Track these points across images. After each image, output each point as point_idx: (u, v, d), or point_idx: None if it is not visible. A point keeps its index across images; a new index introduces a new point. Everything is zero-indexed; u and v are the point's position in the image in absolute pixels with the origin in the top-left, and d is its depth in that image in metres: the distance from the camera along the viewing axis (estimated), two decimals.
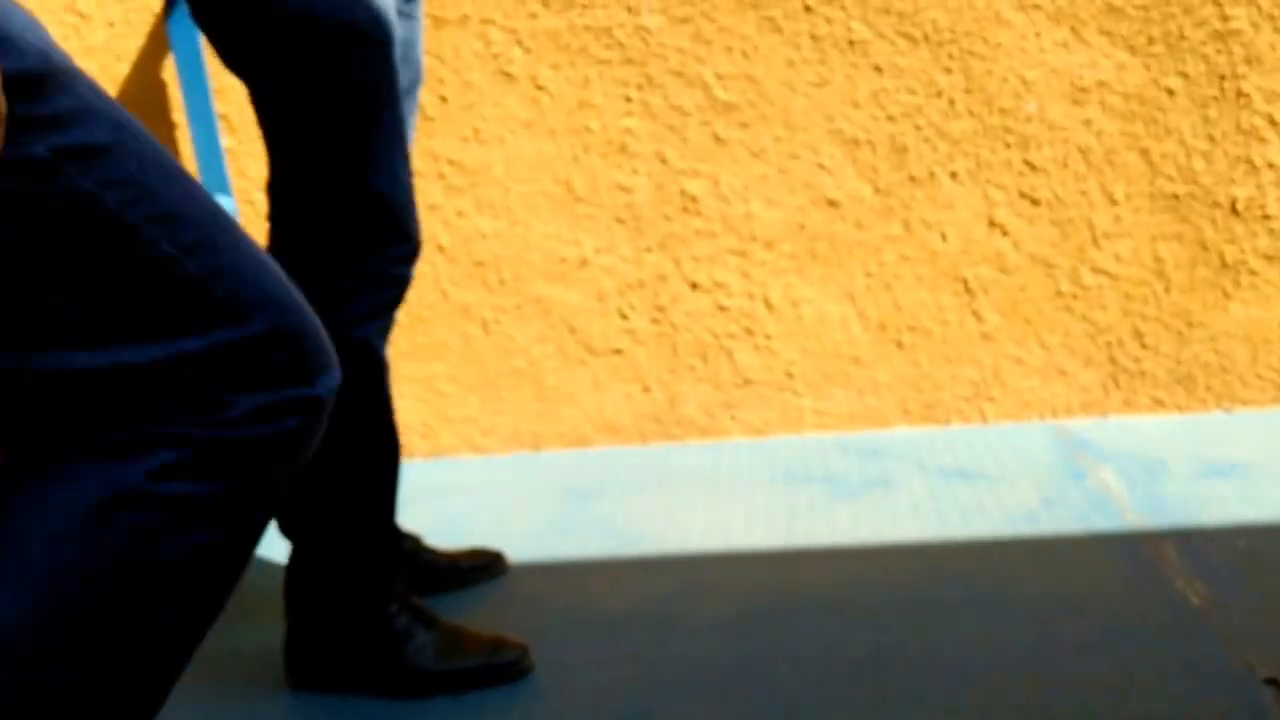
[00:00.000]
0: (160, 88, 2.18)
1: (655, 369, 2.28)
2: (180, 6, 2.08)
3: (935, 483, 2.00)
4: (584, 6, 2.17)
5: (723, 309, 2.25)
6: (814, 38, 2.18)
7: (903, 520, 1.86)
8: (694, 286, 2.25)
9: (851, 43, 2.18)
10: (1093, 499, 1.89)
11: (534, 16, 2.17)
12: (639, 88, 2.20)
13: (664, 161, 2.22)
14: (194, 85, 2.11)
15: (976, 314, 2.25)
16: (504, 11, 2.17)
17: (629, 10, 2.17)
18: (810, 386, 2.27)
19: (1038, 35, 2.17)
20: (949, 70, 2.18)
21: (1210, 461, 2.02)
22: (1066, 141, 2.20)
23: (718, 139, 2.21)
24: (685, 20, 2.17)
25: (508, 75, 2.19)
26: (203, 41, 2.12)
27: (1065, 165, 2.21)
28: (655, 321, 2.26)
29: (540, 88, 2.20)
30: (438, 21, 2.17)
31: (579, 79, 2.19)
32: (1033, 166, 2.21)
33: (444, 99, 2.20)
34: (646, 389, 2.29)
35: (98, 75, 2.18)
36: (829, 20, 2.17)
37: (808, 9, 2.17)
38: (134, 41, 2.16)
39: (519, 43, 2.18)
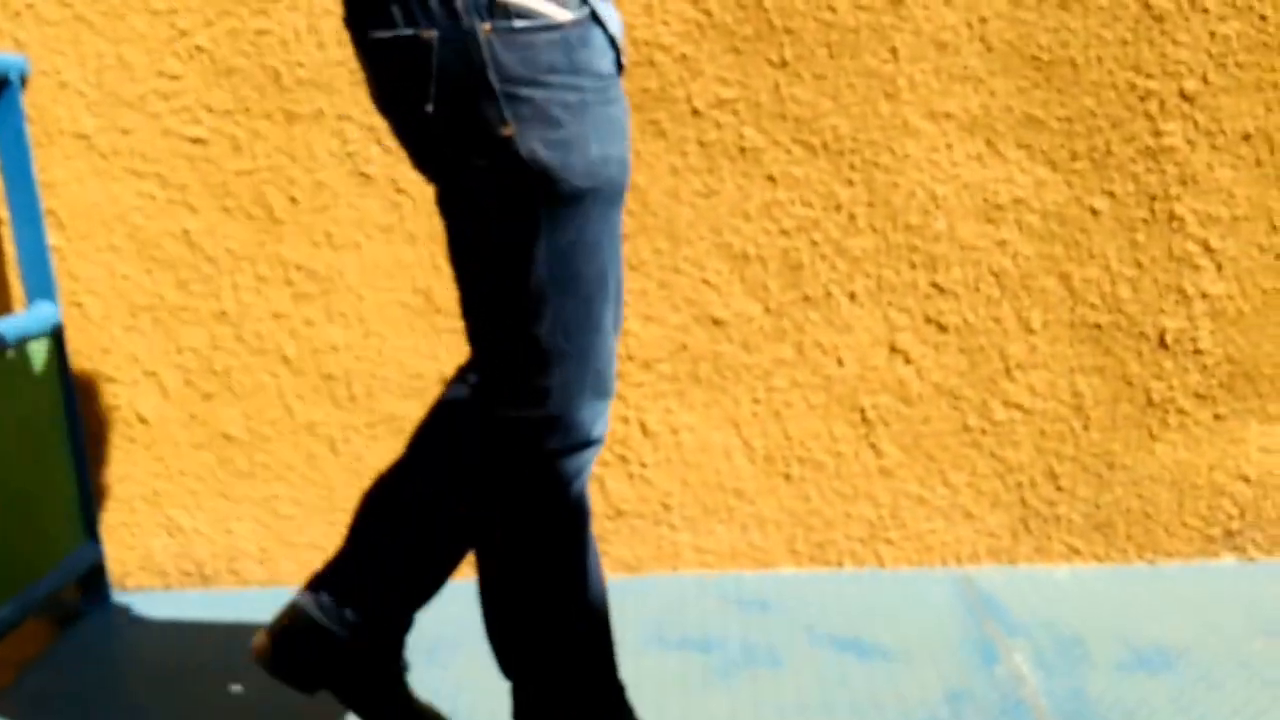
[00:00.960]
0: None
1: None
2: (8, 94, 1.90)
3: (825, 658, 1.78)
4: None
5: None
6: (702, 144, 1.98)
7: (786, 713, 1.64)
8: None
9: (743, 150, 1.98)
10: (1005, 695, 1.66)
11: None
12: None
13: None
14: (18, 178, 1.93)
15: (874, 447, 2.05)
16: (363, 107, 1.98)
17: None
18: (689, 521, 2.07)
19: (949, 147, 1.96)
20: (850, 182, 1.98)
21: (1135, 644, 1.79)
22: (978, 263, 2.00)
23: None
24: None
25: (365, 176, 2.00)
26: (28, 130, 1.94)
27: (976, 289, 2.01)
28: None
29: (401, 190, 2.01)
30: (289, 116, 1.98)
31: None
32: (940, 289, 2.01)
33: (294, 200, 2.01)
34: None
35: None
36: (719, 125, 1.97)
37: (695, 113, 1.97)
38: None
39: (379, 141, 1.99)
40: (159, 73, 1.97)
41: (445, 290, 2.03)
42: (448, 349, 2.04)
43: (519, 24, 1.19)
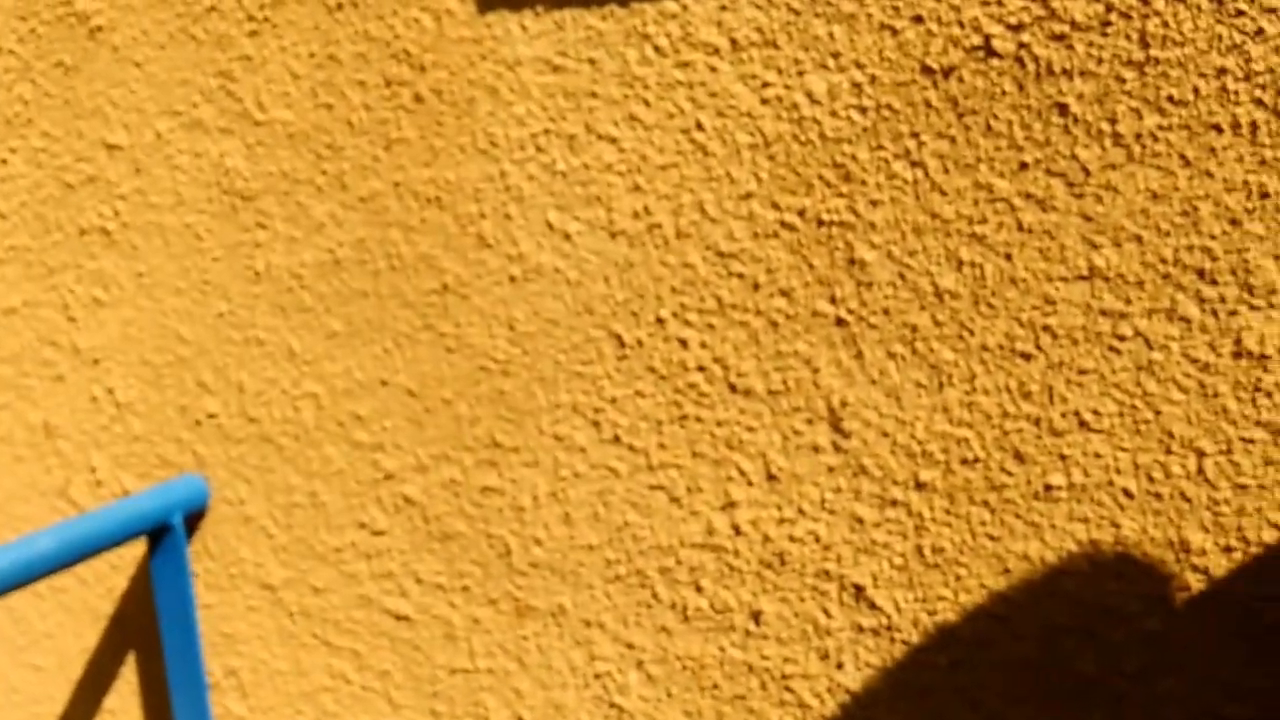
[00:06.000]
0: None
1: None
2: (168, 543, 1.41)
3: None
4: (748, 632, 1.24)
5: None
6: None
7: None
8: None
9: None
10: None
11: (665, 631, 1.28)
12: None
13: None
14: (180, 649, 1.44)
15: None
16: (618, 613, 1.29)
17: (823, 657, 1.21)
18: None
19: None
20: None
21: None
22: None
23: None
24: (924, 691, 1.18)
25: (620, 710, 1.32)
26: (196, 570, 1.44)
27: None
28: None
29: None
30: (520, 608, 1.34)
31: None
32: None
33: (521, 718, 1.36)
34: None
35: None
36: None
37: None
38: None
39: (640, 665, 1.30)
40: (359, 523, 1.40)
41: None
42: None
43: None
